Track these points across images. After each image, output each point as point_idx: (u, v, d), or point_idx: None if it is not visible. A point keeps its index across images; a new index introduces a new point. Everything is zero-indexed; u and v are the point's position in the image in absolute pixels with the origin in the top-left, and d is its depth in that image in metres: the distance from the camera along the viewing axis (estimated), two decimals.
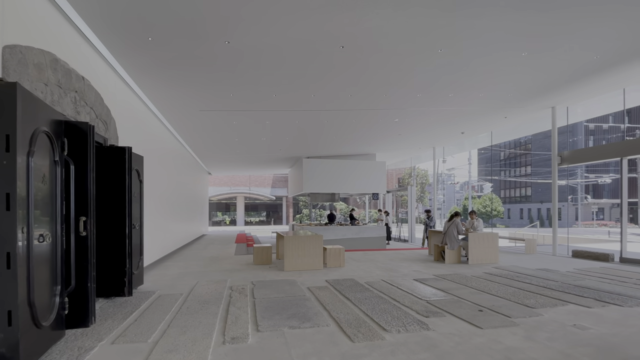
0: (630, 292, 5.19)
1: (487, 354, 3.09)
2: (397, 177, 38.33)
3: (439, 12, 4.54)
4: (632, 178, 35.60)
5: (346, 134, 11.51)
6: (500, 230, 21.92)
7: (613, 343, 3.30)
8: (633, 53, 6.03)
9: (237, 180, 32.66)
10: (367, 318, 4.13)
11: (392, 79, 6.87)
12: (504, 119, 10.44)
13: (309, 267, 7.40)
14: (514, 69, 6.58)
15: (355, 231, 12.28)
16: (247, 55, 5.61)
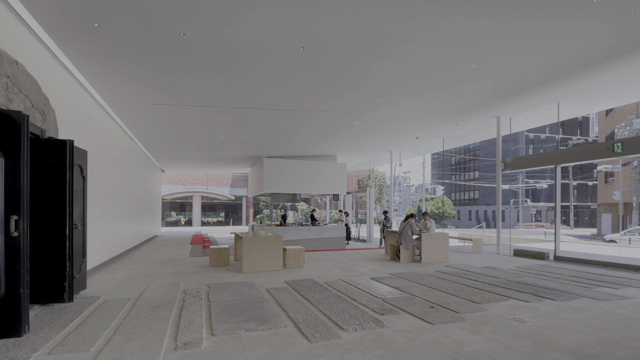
0: (562, 287, 5.73)
1: (437, 348, 3.25)
2: (357, 179, 39.15)
3: (397, 20, 4.69)
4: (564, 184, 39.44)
5: (308, 135, 11.53)
6: (451, 230, 23.23)
7: (548, 334, 3.62)
8: (566, 71, 6.67)
9: (193, 178, 31.41)
10: (325, 318, 4.16)
11: (351, 82, 7.00)
12: (455, 126, 11.08)
13: (268, 269, 7.31)
14: (463, 79, 7.00)
15: (316, 232, 12.34)
16: (203, 49, 5.39)
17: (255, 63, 5.96)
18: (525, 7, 4.45)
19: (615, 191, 25.54)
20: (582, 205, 43.10)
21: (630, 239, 17.40)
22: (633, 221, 22.46)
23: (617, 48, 5.69)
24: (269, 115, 9.15)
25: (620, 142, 7.86)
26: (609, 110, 26.59)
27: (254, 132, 10.95)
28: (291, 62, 5.93)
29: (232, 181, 32.62)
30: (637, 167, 23.04)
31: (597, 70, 6.59)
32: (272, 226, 13.07)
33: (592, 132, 43.35)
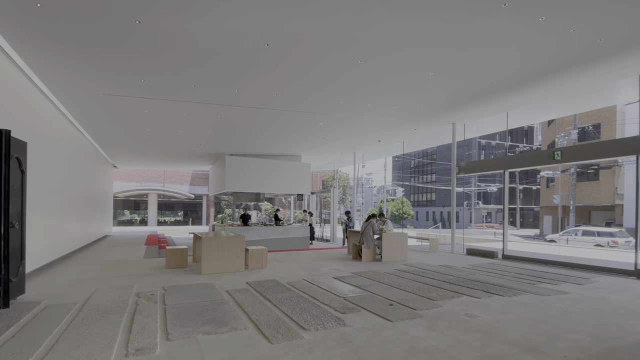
0: (509, 284, 6.16)
1: (395, 344, 3.35)
2: (322, 179, 39.40)
3: (361, 23, 4.77)
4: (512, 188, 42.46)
5: (272, 134, 11.39)
6: (410, 230, 24.11)
7: (496, 328, 3.86)
8: (514, 83, 7.17)
9: (149, 175, 29.84)
10: (287, 318, 4.13)
11: (316, 83, 7.01)
12: (414, 131, 11.53)
13: (229, 270, 7.13)
14: (422, 86, 7.30)
15: (280, 232, 12.23)
16: (161, 39, 5.11)
17: (217, 58, 5.77)
18: (479, 22, 4.73)
19: (555, 195, 27.97)
20: (527, 207, 46.69)
21: (568, 239, 19.15)
22: (570, 222, 24.72)
23: (558, 64, 6.22)
24: (231, 112, 8.90)
25: (560, 150, 8.62)
26: (550, 121, 29.06)
27: (215, 128, 10.60)
28: (255, 59, 5.82)
29: (191, 179, 31.40)
30: (574, 173, 25.41)
31: (540, 83, 7.16)
32: (234, 226, 12.77)
33: (536, 141, 47.07)
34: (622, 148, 7.70)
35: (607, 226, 22.28)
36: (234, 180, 13.29)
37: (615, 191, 23.49)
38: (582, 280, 6.49)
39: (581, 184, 25.58)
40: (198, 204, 33.68)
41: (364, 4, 4.30)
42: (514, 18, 4.65)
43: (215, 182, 16.20)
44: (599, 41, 5.35)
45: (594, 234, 18.28)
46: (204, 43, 5.25)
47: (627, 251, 13.14)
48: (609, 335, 3.61)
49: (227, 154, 14.13)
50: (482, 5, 4.36)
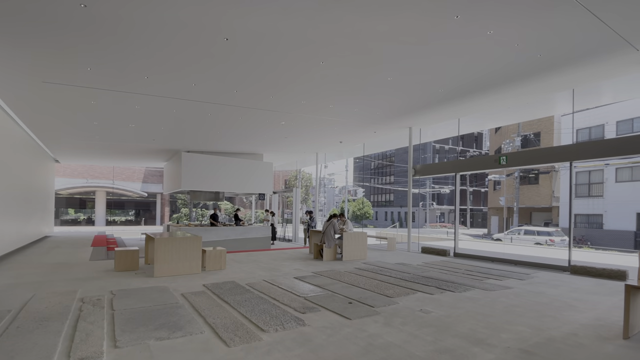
0: (460, 280, 6.52)
1: (353, 342, 3.41)
2: (284, 179, 39.14)
3: (321, 24, 4.78)
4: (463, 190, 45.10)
5: (232, 131, 11.09)
6: (369, 230, 24.73)
7: (448, 323, 4.07)
8: (465, 91, 7.61)
9: (96, 171, 27.80)
10: (246, 320, 4.05)
11: (278, 81, 6.94)
12: (374, 134, 11.85)
13: (185, 272, 6.84)
14: (381, 90, 7.51)
15: (240, 232, 11.94)
16: (110, 26, 4.75)
17: (173, 49, 5.46)
18: (433, 32, 4.96)
19: (501, 197, 30.15)
20: (476, 208, 49.85)
21: (512, 237, 20.73)
22: (514, 223, 26.79)
23: (503, 75, 6.69)
24: (188, 107, 8.51)
25: (505, 156, 9.30)
26: (497, 128, 31.32)
27: (170, 123, 10.07)
28: (213, 52, 5.60)
29: (144, 176, 29.70)
30: (518, 177, 27.57)
31: (488, 92, 7.67)
32: (191, 226, 12.27)
33: (485, 146, 50.43)
34: (558, 155, 8.50)
35: (546, 226, 24.43)
36: (191, 178, 12.76)
37: (553, 194, 25.83)
38: (523, 275, 7.05)
39: (524, 187, 27.82)
40: (151, 202, 31.95)
41: (323, 5, 4.32)
42: (465, 29, 4.93)
43: (170, 179, 15.45)
44: (539, 56, 5.85)
45: (534, 233, 19.97)
46: (158, 33, 4.96)
47: (562, 249, 14.51)
48: (547, 326, 3.96)
49: (184, 151, 13.53)
50: (436, 16, 4.57)
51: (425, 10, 4.45)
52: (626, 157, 11.50)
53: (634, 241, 19.50)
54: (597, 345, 3.38)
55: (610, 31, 5.00)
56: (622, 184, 20.62)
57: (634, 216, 19.85)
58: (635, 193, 19.40)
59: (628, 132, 19.67)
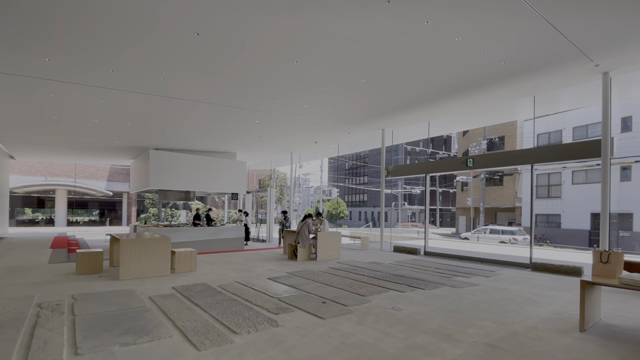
0: (430, 278, 6.72)
1: (326, 341, 3.42)
2: (258, 178, 38.66)
3: (296, 24, 4.75)
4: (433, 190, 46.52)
5: (204, 128, 10.80)
6: (344, 229, 24.94)
7: (418, 320, 4.18)
8: (435, 95, 7.84)
9: (56, 168, 26.22)
10: (217, 323, 3.96)
11: (251, 79, 6.83)
12: (348, 134, 11.98)
13: (153, 274, 6.59)
14: (354, 92, 7.60)
15: (212, 232, 11.64)
16: (70, 13, 4.47)
17: (139, 41, 5.23)
18: (404, 36, 5.08)
19: (468, 198, 31.38)
20: (445, 208, 51.58)
21: (478, 236, 21.62)
22: (480, 222, 27.96)
23: (470, 81, 6.97)
24: (156, 102, 8.19)
25: (472, 158, 9.69)
26: (465, 132, 32.58)
27: (137, 119, 9.65)
28: (183, 47, 5.42)
29: (109, 174, 28.36)
30: (484, 179, 28.82)
31: (456, 97, 7.95)
32: (160, 227, 11.84)
33: (454, 149, 52.29)
34: (520, 158, 8.96)
35: (509, 225, 25.67)
36: (160, 176, 12.28)
37: (516, 195, 27.21)
38: (489, 273, 7.36)
39: (489, 188, 29.12)
40: (117, 202, 30.55)
41: (296, 4, 4.31)
42: (435, 34, 5.08)
43: (138, 178, 14.83)
44: (503, 64, 6.14)
45: (499, 232, 20.93)
46: (124, 23, 4.74)
47: (524, 247, 15.30)
48: (510, 321, 4.15)
49: (152, 148, 13.05)
50: (408, 20, 4.67)
51: (397, 15, 4.54)
52: (581, 161, 12.35)
53: (589, 239, 20.93)
54: (556, 338, 3.59)
55: (568, 43, 5.33)
56: (578, 186, 22.07)
57: (589, 216, 21.31)
58: (590, 194, 20.82)
59: (583, 138, 21.07)
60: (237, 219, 14.78)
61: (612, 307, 4.70)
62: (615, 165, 20.10)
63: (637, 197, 19.64)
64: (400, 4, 4.30)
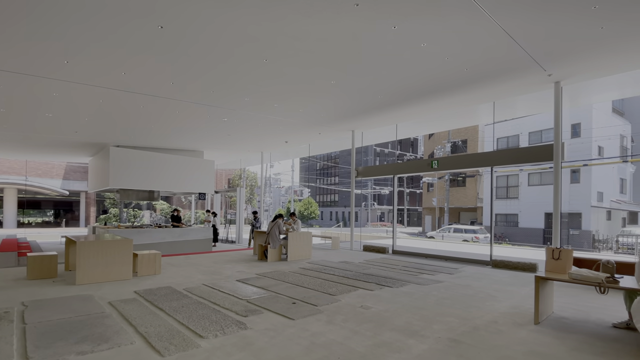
0: (397, 276, 6.89)
1: (296, 342, 3.41)
2: (227, 178, 37.81)
3: (266, 21, 4.69)
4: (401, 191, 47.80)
5: (169, 125, 10.37)
6: (315, 229, 25.00)
7: (386, 317, 4.27)
8: (402, 98, 8.05)
9: (4, 165, 24.22)
10: (183, 327, 3.83)
11: (219, 76, 6.66)
12: (319, 135, 12.03)
13: (114, 278, 6.26)
14: (325, 93, 7.64)
15: (177, 234, 11.23)
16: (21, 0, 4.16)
17: (97, 31, 4.90)
18: (373, 40, 5.18)
19: (434, 198, 32.55)
20: (413, 208, 53.16)
21: (443, 235, 22.48)
22: (445, 221, 29.08)
23: (436, 86, 7.22)
24: (117, 97, 7.74)
25: (436, 160, 10.07)
26: (430, 135, 33.81)
27: (96, 114, 9.08)
28: (146, 40, 5.18)
29: (65, 172, 26.60)
30: (448, 180, 30.00)
31: (422, 101, 8.21)
32: (121, 228, 11.28)
33: (420, 151, 54.00)
34: (481, 161, 9.43)
35: (471, 225, 26.90)
36: (121, 175, 11.66)
37: (477, 196, 28.57)
38: (452, 270, 7.67)
39: (453, 189, 30.37)
40: (74, 202, 28.72)
41: (267, 3, 4.26)
42: (402, 39, 5.21)
43: (97, 177, 14.02)
44: (465, 70, 6.43)
45: (462, 231, 21.88)
46: (78, 11, 4.43)
47: (485, 245, 16.09)
48: (472, 316, 4.35)
49: (112, 145, 12.37)
50: (376, 24, 4.75)
51: (366, 19, 4.61)
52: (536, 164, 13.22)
53: (543, 237, 22.40)
54: (514, 331, 3.80)
55: (524, 53, 5.67)
56: (534, 187, 23.56)
57: (543, 216, 22.80)
58: (544, 195, 22.29)
59: (538, 142, 22.53)
60: (205, 220, 14.38)
61: (563, 301, 5.05)
62: (565, 168, 21.68)
63: (585, 198, 21.30)
64: (368, 8, 4.37)
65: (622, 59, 5.94)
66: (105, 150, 12.25)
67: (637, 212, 26.80)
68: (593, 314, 4.42)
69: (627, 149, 25.09)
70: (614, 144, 23.39)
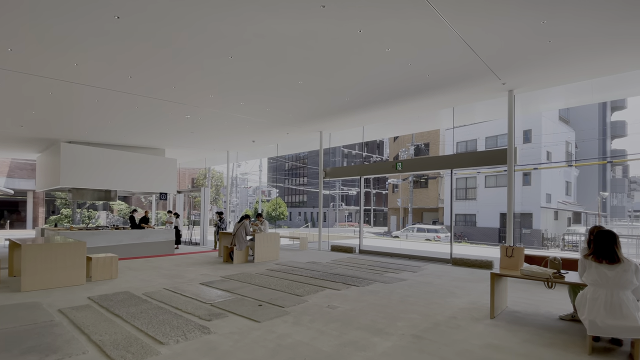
0: (364, 275, 7.01)
1: (262, 345, 3.36)
2: (191, 177, 36.53)
3: (230, 17, 4.57)
4: (367, 192, 48.75)
5: (127, 121, 9.80)
6: (283, 230, 24.81)
7: (352, 316, 4.32)
8: (368, 101, 8.21)
9: None
10: (141, 334, 3.64)
11: (182, 71, 6.37)
12: (287, 135, 11.97)
13: (65, 284, 5.83)
14: (293, 93, 7.61)
15: (136, 236, 10.65)
16: None
17: (44, 14, 4.51)
18: (339, 43, 5.25)
19: (398, 199, 33.51)
20: (379, 208, 54.41)
21: (407, 234, 23.20)
22: (409, 221, 30.04)
23: (400, 90, 7.43)
24: (69, 89, 7.18)
25: (401, 162, 10.38)
26: (395, 137, 34.81)
27: (45, 107, 8.37)
28: (102, 30, 4.84)
29: (10, 170, 24.42)
30: (411, 181, 31.03)
31: (387, 104, 8.42)
32: (74, 230, 10.54)
33: (385, 153, 55.42)
34: (442, 163, 9.85)
35: (433, 224, 27.98)
36: (73, 173, 10.85)
37: (439, 197, 29.80)
38: (416, 268, 7.94)
39: (416, 190, 31.46)
40: (20, 202, 26.41)
41: None
42: (368, 44, 5.32)
43: (46, 175, 12.98)
44: (427, 76, 6.68)
45: (424, 231, 22.72)
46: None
47: (446, 244, 16.79)
48: (434, 312, 4.52)
49: (64, 141, 11.52)
50: (342, 26, 4.80)
51: (332, 21, 4.63)
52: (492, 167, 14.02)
53: (498, 236, 23.79)
54: (471, 326, 4.00)
55: (481, 62, 6.00)
56: (490, 189, 24.97)
57: (498, 216, 24.21)
58: (499, 197, 23.69)
59: (494, 147, 23.92)
60: (167, 221, 13.80)
61: (516, 295, 5.39)
62: (518, 171, 23.21)
63: (535, 199, 22.91)
64: (334, 10, 4.40)
65: (567, 71, 6.45)
66: (56, 147, 11.37)
67: (581, 212, 29.26)
68: (542, 308, 4.75)
69: (571, 154, 27.31)
70: (561, 149, 25.37)
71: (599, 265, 3.21)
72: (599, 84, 7.20)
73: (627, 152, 37.89)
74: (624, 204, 37.67)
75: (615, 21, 4.66)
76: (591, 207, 29.60)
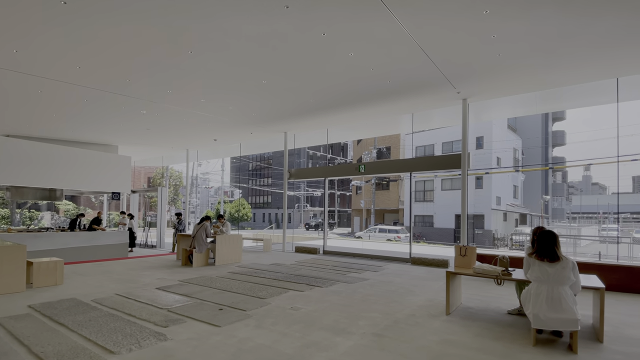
0: (327, 275, 7.05)
1: (222, 350, 3.27)
2: (147, 176, 34.70)
3: (188, 8, 4.42)
4: (332, 193, 49.24)
5: (74, 115, 9.07)
6: (246, 232, 24.29)
7: (315, 317, 4.33)
8: (332, 104, 8.31)
9: None
10: (90, 343, 3.39)
11: (135, 63, 6.03)
12: (251, 135, 11.78)
13: (1, 291, 5.28)
14: (256, 92, 7.51)
15: (85, 238, 9.89)
16: None
17: None
18: (300, 43, 5.28)
19: (362, 200, 34.20)
20: (343, 210, 55.13)
21: (370, 235, 23.74)
22: (372, 222, 30.76)
23: (363, 95, 7.62)
24: (7, 79, 6.62)
25: (363, 165, 10.62)
26: (359, 141, 35.54)
27: None
28: (46, 15, 4.47)
29: None
30: (374, 184, 31.83)
31: (352, 108, 8.60)
32: (12, 232, 9.59)
33: (349, 156, 56.35)
34: (402, 167, 10.22)
35: (394, 225, 28.87)
36: (11, 170, 9.85)
37: (399, 198, 30.83)
38: (377, 268, 8.13)
39: (379, 192, 32.31)
40: None
41: None
42: (331, 47, 5.39)
43: None
44: (388, 82, 6.91)
45: (386, 231, 23.38)
46: None
47: (406, 244, 17.37)
48: (394, 310, 4.65)
49: (1, 135, 10.48)
50: (305, 29, 4.83)
51: (296, 22, 4.65)
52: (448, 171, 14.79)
53: (454, 236, 25.06)
54: (429, 322, 4.17)
55: (438, 71, 6.31)
56: (446, 192, 26.27)
57: (454, 217, 25.51)
58: (454, 199, 24.97)
59: (449, 152, 25.21)
60: (120, 223, 13.00)
61: (469, 293, 5.70)
62: (471, 175, 24.64)
63: (487, 202, 24.43)
64: (298, 12, 4.40)
65: (513, 84, 6.97)
66: None
67: (527, 214, 31.63)
68: (492, 303, 5.07)
69: (518, 160, 29.49)
70: (509, 155, 27.30)
71: (541, 263, 3.49)
72: (542, 96, 7.86)
73: (566, 159, 41.74)
74: (563, 207, 41.40)
75: (553, 40, 5.10)
76: (535, 209, 32.14)
